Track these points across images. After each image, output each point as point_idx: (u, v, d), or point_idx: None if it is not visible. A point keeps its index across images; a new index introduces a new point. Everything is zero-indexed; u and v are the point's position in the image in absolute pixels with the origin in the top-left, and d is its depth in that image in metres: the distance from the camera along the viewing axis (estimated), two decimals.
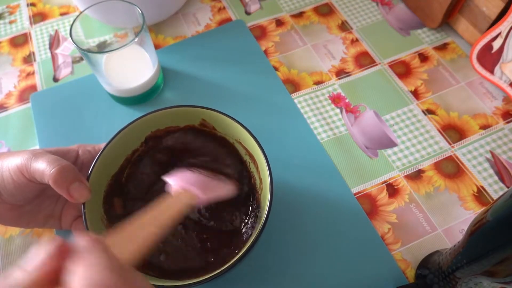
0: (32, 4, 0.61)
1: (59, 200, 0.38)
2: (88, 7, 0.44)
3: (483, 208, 0.29)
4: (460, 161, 0.44)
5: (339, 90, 0.50)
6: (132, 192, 0.40)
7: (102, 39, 0.53)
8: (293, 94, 0.50)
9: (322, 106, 0.49)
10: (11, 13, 0.60)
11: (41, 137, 0.47)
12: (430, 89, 0.50)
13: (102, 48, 0.52)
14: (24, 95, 0.51)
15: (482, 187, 0.43)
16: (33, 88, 0.52)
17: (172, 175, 0.34)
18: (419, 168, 0.44)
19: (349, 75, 0.52)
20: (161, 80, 0.50)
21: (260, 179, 0.37)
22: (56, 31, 0.58)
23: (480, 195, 0.42)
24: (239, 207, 0.40)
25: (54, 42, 0.57)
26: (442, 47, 0.53)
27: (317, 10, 0.58)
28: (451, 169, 0.44)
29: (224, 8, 0.59)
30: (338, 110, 0.49)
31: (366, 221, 0.41)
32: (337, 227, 0.40)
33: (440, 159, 0.45)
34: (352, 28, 0.56)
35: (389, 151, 0.45)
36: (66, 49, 0.56)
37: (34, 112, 0.49)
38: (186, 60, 0.53)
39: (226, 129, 0.38)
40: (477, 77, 0.51)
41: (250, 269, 0.38)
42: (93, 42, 0.52)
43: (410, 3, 0.57)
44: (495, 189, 0.42)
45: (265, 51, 0.54)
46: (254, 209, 0.39)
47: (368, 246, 0.39)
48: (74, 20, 0.42)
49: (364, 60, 0.53)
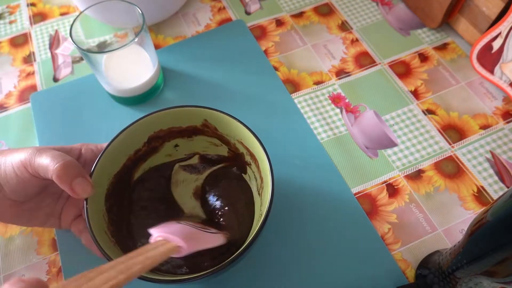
0: (32, 4, 0.61)
1: (60, 199, 0.38)
2: (88, 7, 0.44)
3: (483, 208, 0.29)
4: (460, 161, 0.44)
5: (339, 90, 0.50)
6: (138, 197, 0.40)
7: (102, 39, 0.53)
8: (293, 94, 0.50)
9: (322, 106, 0.49)
10: (11, 13, 0.60)
11: (41, 137, 0.47)
12: (430, 89, 0.50)
13: (102, 48, 0.52)
14: (24, 95, 0.51)
15: (482, 187, 0.43)
16: (33, 88, 0.52)
17: (158, 226, 0.31)
18: (419, 168, 0.44)
19: (349, 75, 0.52)
20: (161, 80, 0.50)
21: (261, 178, 0.37)
22: (56, 31, 0.58)
23: (480, 195, 0.42)
24: None
25: (54, 42, 0.57)
26: (442, 47, 0.53)
27: (317, 10, 0.58)
28: (451, 169, 0.44)
29: (224, 8, 0.59)
30: (338, 110, 0.49)
31: (366, 221, 0.41)
32: (337, 227, 0.40)
33: (440, 159, 0.45)
34: (352, 28, 0.56)
35: (389, 151, 0.45)
36: (66, 49, 0.56)
37: (34, 112, 0.49)
38: (186, 60, 0.53)
39: (228, 129, 0.38)
40: (477, 77, 0.51)
41: (249, 268, 0.38)
42: (93, 42, 0.52)
43: (410, 3, 0.57)
44: (495, 189, 0.42)
45: (265, 51, 0.54)
46: None
47: (368, 246, 0.39)
48: (74, 20, 0.43)
49: (364, 60, 0.53)
